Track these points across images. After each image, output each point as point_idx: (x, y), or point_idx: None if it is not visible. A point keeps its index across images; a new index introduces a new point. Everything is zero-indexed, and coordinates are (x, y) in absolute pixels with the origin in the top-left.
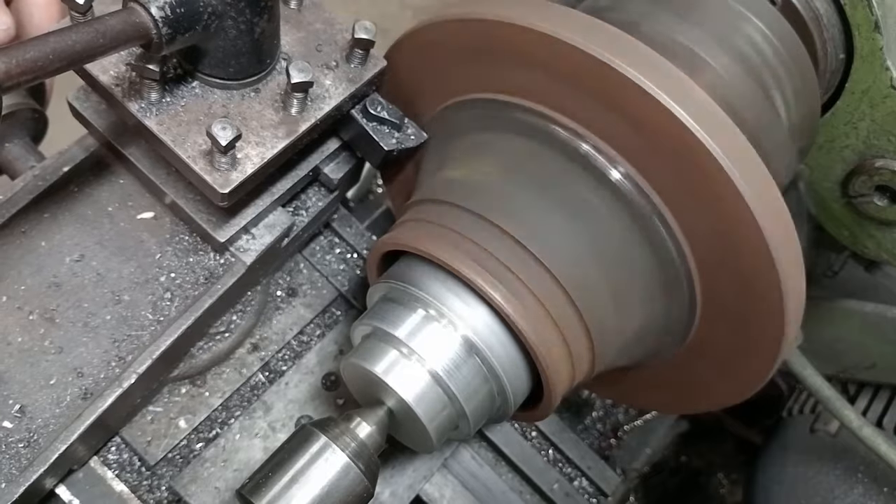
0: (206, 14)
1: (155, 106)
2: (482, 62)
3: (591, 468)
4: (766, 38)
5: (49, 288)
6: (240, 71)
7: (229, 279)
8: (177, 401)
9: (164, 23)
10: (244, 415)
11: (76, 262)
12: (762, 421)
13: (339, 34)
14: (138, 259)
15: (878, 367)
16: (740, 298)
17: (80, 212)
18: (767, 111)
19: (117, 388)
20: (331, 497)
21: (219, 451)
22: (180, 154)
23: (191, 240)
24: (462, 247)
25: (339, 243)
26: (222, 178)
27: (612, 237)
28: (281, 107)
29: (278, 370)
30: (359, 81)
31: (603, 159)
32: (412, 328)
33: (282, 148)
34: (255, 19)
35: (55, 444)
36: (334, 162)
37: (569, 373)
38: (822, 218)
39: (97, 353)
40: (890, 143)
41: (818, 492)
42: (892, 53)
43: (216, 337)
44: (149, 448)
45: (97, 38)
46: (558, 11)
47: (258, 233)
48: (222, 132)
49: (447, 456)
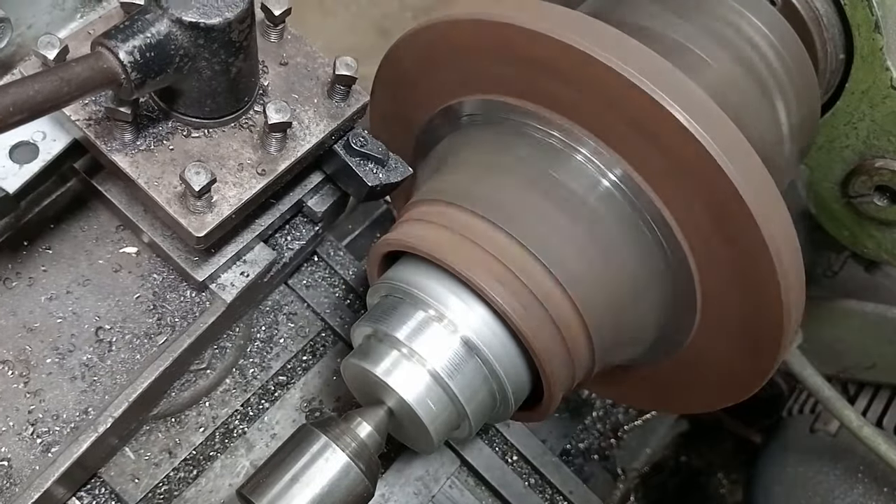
0: (178, 56)
1: (129, 146)
2: (483, 63)
3: (573, 492)
4: (766, 39)
5: (24, 328)
6: (216, 110)
7: (209, 318)
8: (156, 440)
9: (133, 67)
10: (225, 454)
11: (51, 300)
12: (762, 421)
13: (320, 69)
14: (116, 297)
15: (878, 367)
16: (740, 299)
17: (57, 249)
18: (767, 111)
19: (93, 432)
20: (331, 497)
21: (200, 492)
22: (154, 196)
23: (170, 277)
24: (463, 247)
25: (325, 273)
26: (197, 221)
27: (611, 238)
28: (259, 145)
29: (261, 406)
30: (340, 118)
31: (603, 160)
32: (413, 329)
33: (260, 188)
34: (230, 59)
35: (29, 491)
36: (318, 194)
37: (569, 373)
38: (822, 218)
39: (72, 396)
40: (890, 144)
41: (818, 492)
42: (892, 54)
43: (197, 374)
44: (128, 488)
45: (62, 86)
46: (562, 14)
47: (239, 269)
48: (195, 176)
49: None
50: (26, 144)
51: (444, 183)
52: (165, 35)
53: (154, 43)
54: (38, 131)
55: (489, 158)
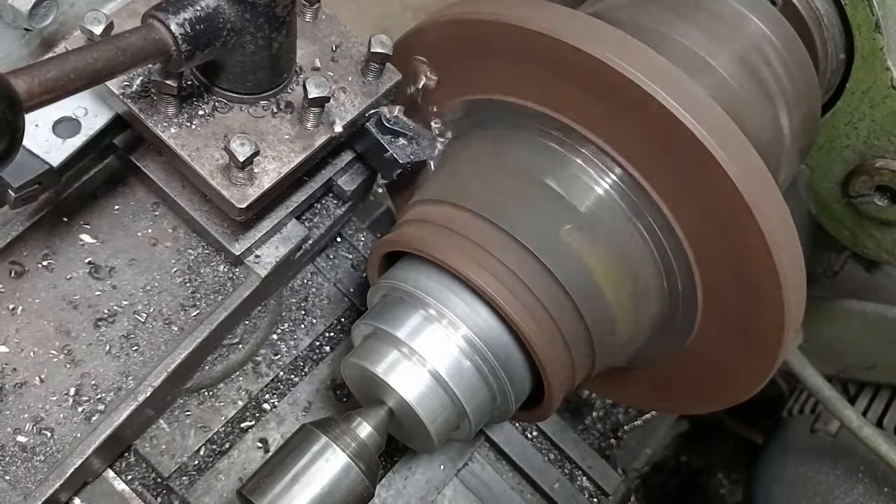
0: (226, 30)
1: (172, 121)
2: (483, 62)
3: (592, 467)
4: (767, 39)
5: (64, 301)
6: (257, 86)
7: (244, 291)
8: (190, 413)
9: (183, 39)
10: (257, 426)
11: (90, 275)
12: (762, 421)
13: (354, 47)
14: (153, 271)
15: (879, 368)
16: (741, 299)
17: (95, 224)
18: (768, 111)
19: (133, 401)
20: (331, 497)
21: (232, 463)
22: (197, 169)
23: (206, 252)
24: (463, 247)
25: (349, 253)
26: (240, 192)
27: (613, 238)
28: (297, 121)
29: (291, 381)
30: (374, 95)
31: (604, 160)
32: (413, 328)
33: (298, 162)
34: (273, 34)
35: (71, 458)
36: (348, 174)
37: (569, 373)
38: (822, 218)
39: (112, 366)
40: (890, 143)
41: (818, 492)
42: (892, 54)
43: (229, 348)
44: (162, 460)
45: (118, 55)
46: (562, 13)
47: (273, 245)
48: (241, 148)
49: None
50: (69, 120)
51: (444, 183)
52: (214, 8)
53: (203, 16)
54: (80, 107)
55: (490, 158)
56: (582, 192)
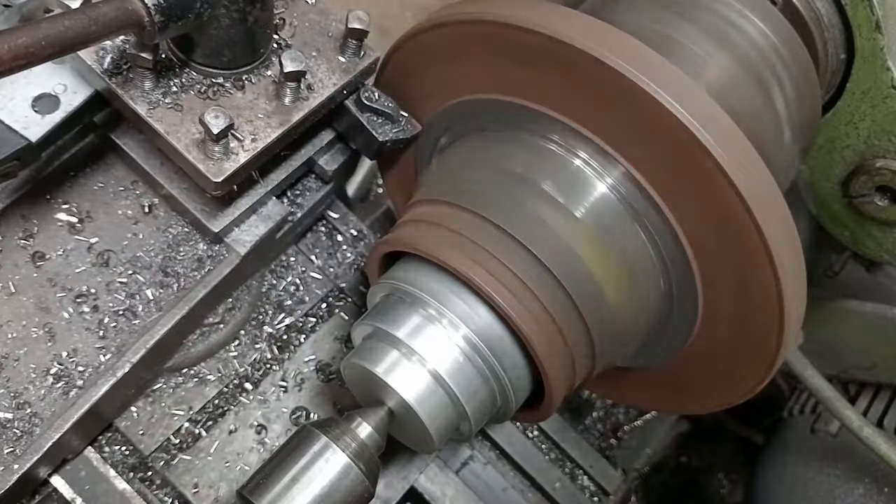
0: (199, 2)
1: (149, 96)
2: (483, 62)
3: (593, 467)
4: (767, 38)
5: (44, 277)
6: (233, 60)
7: (224, 269)
8: (171, 392)
9: (156, 10)
10: (238, 406)
11: (70, 251)
12: (763, 421)
13: (332, 24)
14: (133, 249)
15: (879, 368)
16: (741, 299)
17: (76, 202)
18: (768, 111)
19: (111, 377)
20: (331, 497)
21: (212, 442)
22: (173, 143)
23: (186, 230)
24: (463, 247)
25: (334, 235)
26: (216, 167)
27: (613, 238)
28: (274, 96)
29: (273, 361)
30: (352, 72)
31: (603, 160)
32: (413, 328)
33: (275, 137)
34: (247, 8)
35: (48, 432)
36: (328, 153)
37: (569, 373)
38: (822, 218)
39: (91, 342)
40: (890, 143)
41: (819, 492)
42: (892, 53)
43: (211, 327)
44: (143, 438)
45: (89, 24)
46: (562, 13)
47: (253, 223)
48: (214, 120)
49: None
50: (48, 96)
51: (444, 183)
52: None
53: None
54: (59, 83)
55: (490, 159)
56: (582, 192)
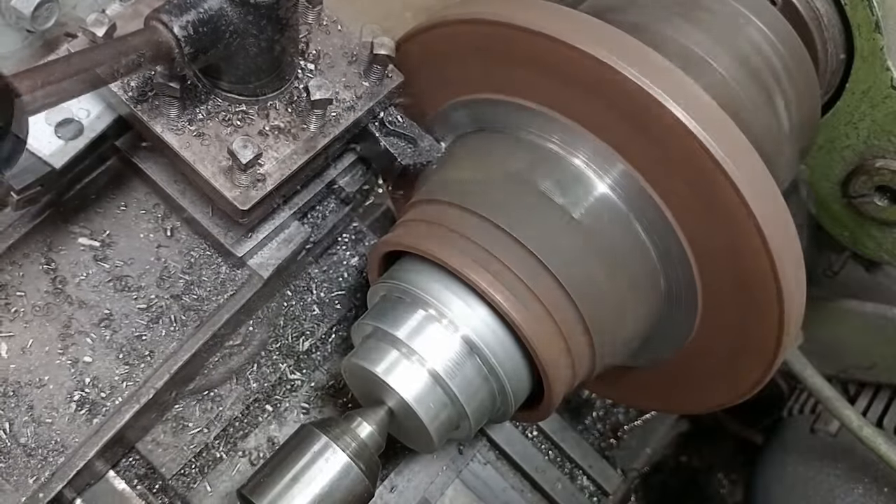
0: (229, 32)
1: (175, 123)
2: (484, 63)
3: (593, 467)
4: (767, 39)
5: (66, 301)
6: (259, 87)
7: (247, 293)
8: (192, 414)
9: (186, 42)
10: (258, 428)
11: (93, 275)
12: (762, 421)
13: (356, 49)
14: (155, 273)
15: (879, 368)
16: (741, 299)
17: (97, 225)
18: (768, 111)
19: (135, 403)
20: (331, 497)
21: (234, 464)
22: (200, 171)
23: (208, 253)
24: (463, 247)
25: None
26: (242, 195)
27: (612, 238)
28: (300, 123)
29: (292, 383)
30: (377, 96)
31: (603, 160)
32: (413, 328)
33: (301, 164)
34: (276, 37)
35: (74, 459)
36: (349, 175)
37: (569, 373)
38: (822, 218)
39: (113, 368)
40: (890, 144)
41: (818, 492)
42: (892, 54)
43: (232, 349)
44: (165, 461)
45: (120, 58)
46: (562, 13)
47: (275, 246)
48: (243, 150)
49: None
50: (71, 122)
51: (444, 183)
52: (217, 10)
53: (206, 18)
54: (82, 108)
55: (490, 159)
56: (582, 192)
